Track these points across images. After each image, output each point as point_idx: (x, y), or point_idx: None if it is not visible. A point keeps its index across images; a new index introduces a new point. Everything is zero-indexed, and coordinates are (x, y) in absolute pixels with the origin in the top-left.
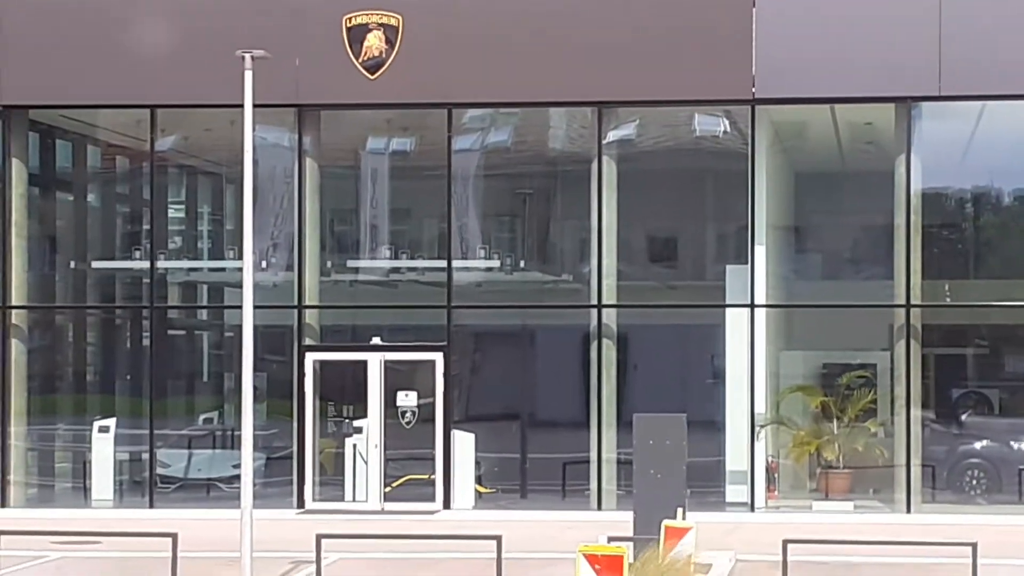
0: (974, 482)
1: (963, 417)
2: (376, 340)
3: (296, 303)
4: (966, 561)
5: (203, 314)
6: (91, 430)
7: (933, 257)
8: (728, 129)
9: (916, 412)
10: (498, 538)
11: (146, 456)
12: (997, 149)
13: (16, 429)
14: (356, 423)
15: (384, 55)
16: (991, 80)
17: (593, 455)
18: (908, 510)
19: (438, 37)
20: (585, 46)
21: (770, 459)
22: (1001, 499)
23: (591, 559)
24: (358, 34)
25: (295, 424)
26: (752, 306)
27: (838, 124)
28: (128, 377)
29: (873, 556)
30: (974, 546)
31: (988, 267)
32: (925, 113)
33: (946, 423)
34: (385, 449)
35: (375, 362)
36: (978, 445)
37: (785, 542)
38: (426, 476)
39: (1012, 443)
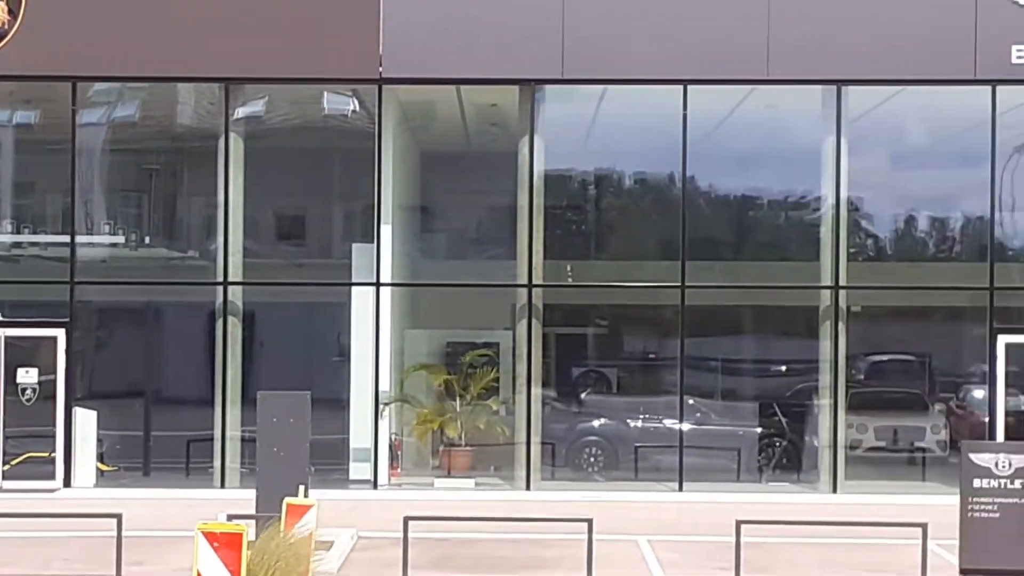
0: (592, 459)
1: (583, 395)
2: None
3: None
4: (582, 536)
5: None
6: None
7: (556, 238)
8: (357, 108)
9: (537, 390)
10: (118, 516)
11: None
12: (618, 132)
13: None
14: None
15: (7, 26)
16: (613, 65)
17: (217, 433)
18: (528, 487)
19: (64, 8)
20: (213, 21)
21: (394, 437)
22: (618, 476)
23: (210, 537)
24: None
25: None
26: (377, 284)
27: (464, 105)
28: None
29: (493, 532)
30: (590, 522)
31: (609, 248)
32: (549, 96)
33: (566, 401)
34: (4, 427)
35: None
36: (596, 423)
37: (406, 519)
38: (46, 454)
39: (629, 421)
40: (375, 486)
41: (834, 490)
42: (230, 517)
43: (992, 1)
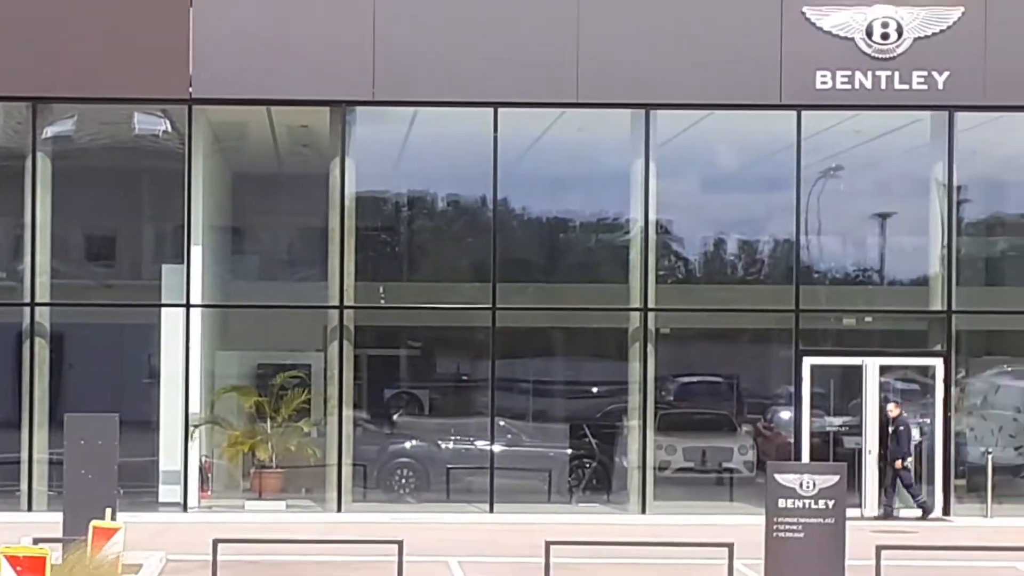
0: (403, 481)
1: (394, 417)
2: None
3: None
4: (393, 558)
5: None
6: None
7: (368, 259)
8: (168, 128)
9: (348, 412)
10: None
11: None
12: (431, 154)
13: None
14: None
15: None
16: (424, 86)
17: (24, 455)
18: (339, 509)
19: None
20: (20, 40)
21: (204, 459)
22: (429, 497)
23: (13, 561)
24: None
25: None
26: (188, 306)
27: (275, 126)
28: None
29: (303, 555)
30: (400, 544)
31: (421, 270)
32: (360, 117)
33: (378, 423)
34: None
35: None
36: (408, 445)
37: (215, 541)
38: None
39: (440, 443)
40: (185, 508)
41: (643, 511)
42: (36, 540)
43: (797, 27)
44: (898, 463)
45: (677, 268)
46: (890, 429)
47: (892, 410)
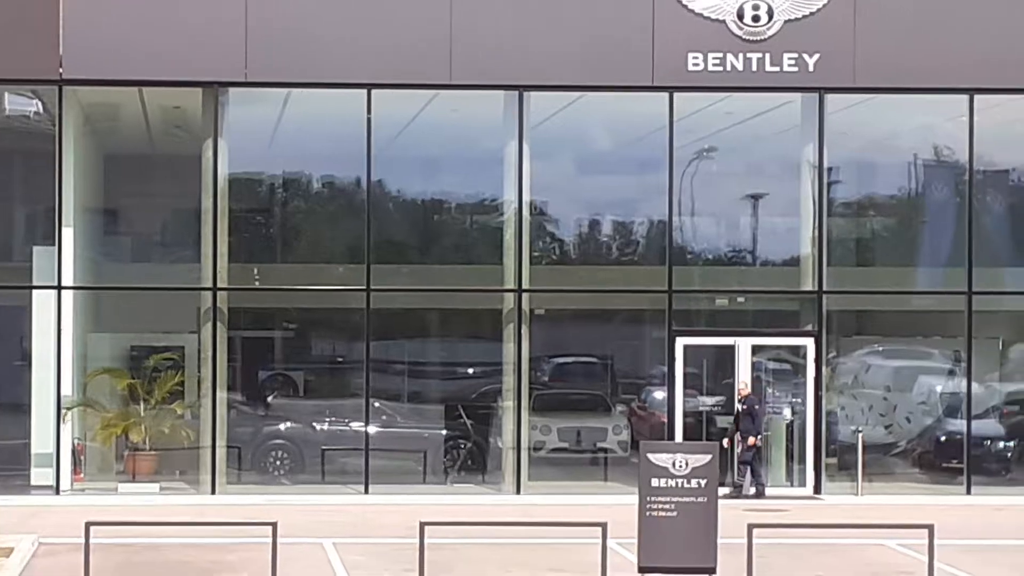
0: (278, 463)
1: (269, 399)
2: None
3: None
4: (267, 540)
5: None
6: None
7: (242, 241)
8: (39, 110)
9: (222, 394)
10: None
11: None
12: (305, 135)
13: None
14: None
15: None
16: (297, 68)
17: None
18: (213, 491)
19: None
20: None
21: (76, 442)
22: (304, 479)
23: None
24: None
25: None
26: (59, 288)
27: (147, 107)
28: None
29: (177, 537)
30: (274, 525)
31: (296, 251)
32: (233, 99)
33: (252, 405)
34: None
35: None
36: (282, 427)
37: (88, 524)
38: None
39: (315, 424)
40: (57, 491)
41: (518, 491)
42: None
43: (669, 10)
44: (751, 440)
45: (552, 249)
46: (742, 408)
47: (743, 389)
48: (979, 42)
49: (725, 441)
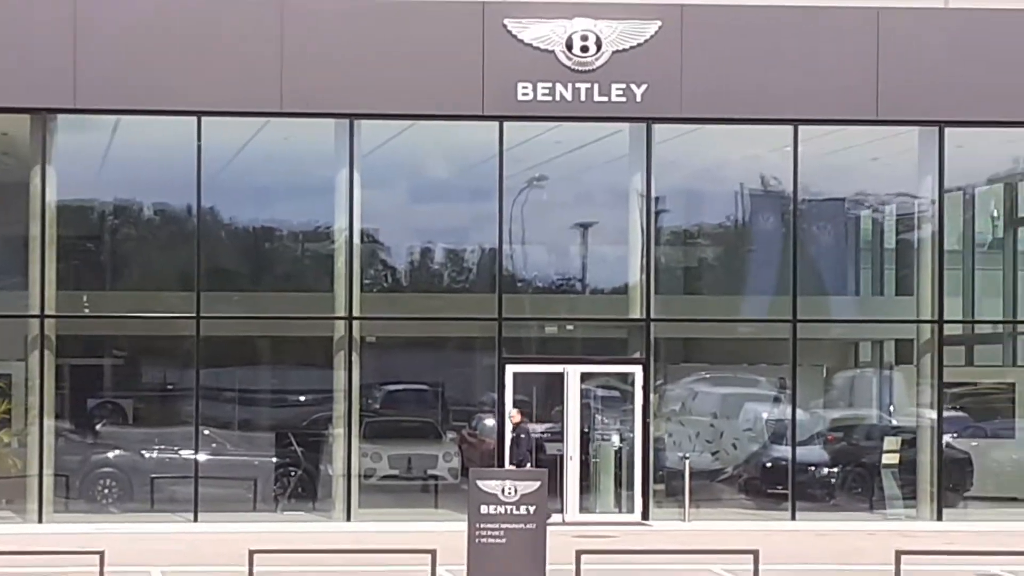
0: (106, 491)
1: (98, 427)
2: None
3: None
4: (94, 569)
5: None
6: None
7: (71, 268)
8: None
9: (50, 422)
10: None
11: None
12: (135, 163)
13: None
14: None
15: None
16: (126, 94)
17: None
18: (40, 520)
19: None
20: None
21: None
22: (133, 507)
23: None
24: None
25: None
26: None
27: None
28: None
29: (2, 567)
30: (101, 554)
31: (126, 279)
32: (62, 125)
33: (81, 433)
34: None
35: None
36: (111, 455)
37: None
38: None
39: (144, 452)
40: None
41: (348, 518)
42: None
43: (499, 39)
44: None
45: (383, 277)
46: (512, 436)
47: (514, 416)
48: (803, 74)
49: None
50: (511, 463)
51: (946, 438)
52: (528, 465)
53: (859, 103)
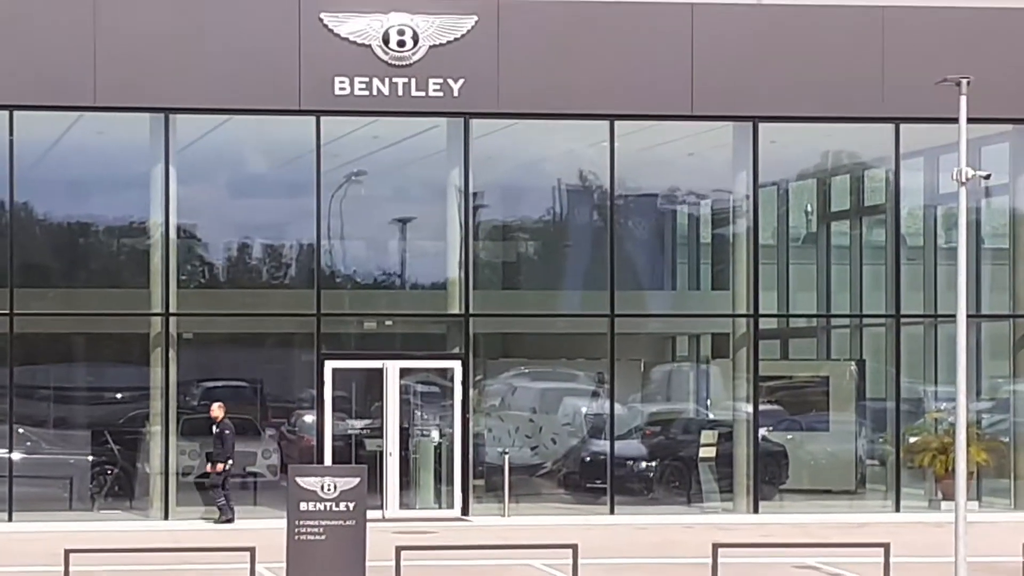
0: None
1: None
2: None
3: None
4: None
5: None
6: None
7: None
8: None
9: None
10: None
11: None
12: None
13: None
14: None
15: None
16: None
17: None
18: None
19: None
20: None
21: None
22: None
23: None
24: None
25: None
26: None
27: None
28: None
29: None
30: None
31: None
32: None
33: None
34: None
35: None
36: None
37: None
38: None
39: None
40: None
41: (166, 516)
42: None
43: (315, 33)
44: (219, 466)
45: (200, 272)
46: (215, 432)
47: (215, 412)
48: (619, 69)
49: (208, 466)
50: (214, 459)
51: (762, 431)
52: (231, 462)
53: (674, 98)
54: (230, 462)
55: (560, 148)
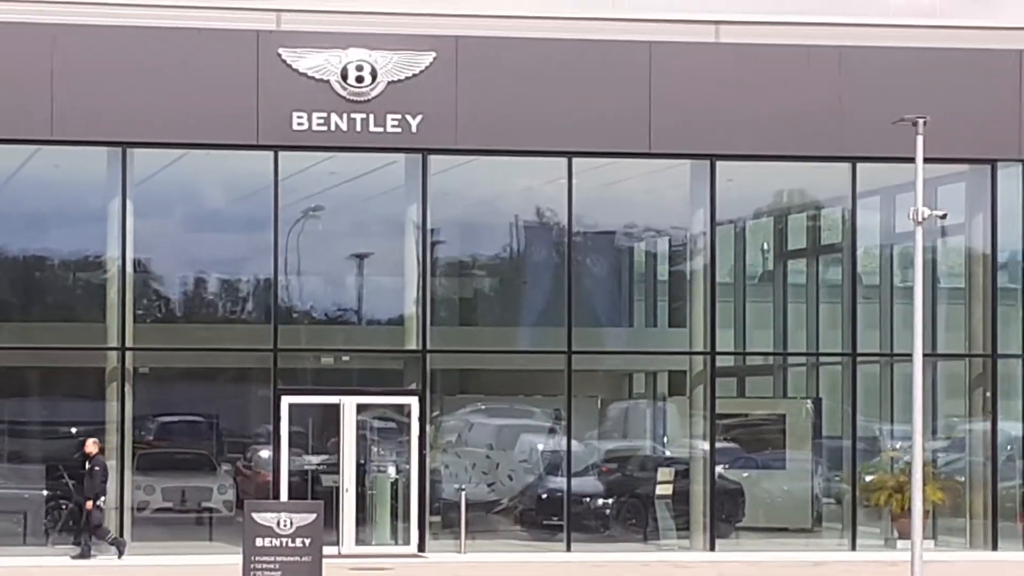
0: None
1: None
2: None
3: None
4: None
5: None
6: None
7: None
8: None
9: None
10: None
11: None
12: None
13: None
14: None
15: None
16: None
17: None
18: None
19: None
20: None
21: None
22: None
23: None
24: None
25: None
26: None
27: None
28: None
29: None
30: None
31: None
32: None
33: None
34: None
35: None
36: None
37: None
38: None
39: None
40: None
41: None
42: None
43: (274, 68)
44: (89, 504)
45: (157, 307)
46: (87, 467)
47: (89, 447)
48: (577, 106)
49: (88, 503)
50: (86, 496)
51: (718, 469)
52: (103, 499)
53: (632, 136)
54: (102, 499)
55: (518, 185)
